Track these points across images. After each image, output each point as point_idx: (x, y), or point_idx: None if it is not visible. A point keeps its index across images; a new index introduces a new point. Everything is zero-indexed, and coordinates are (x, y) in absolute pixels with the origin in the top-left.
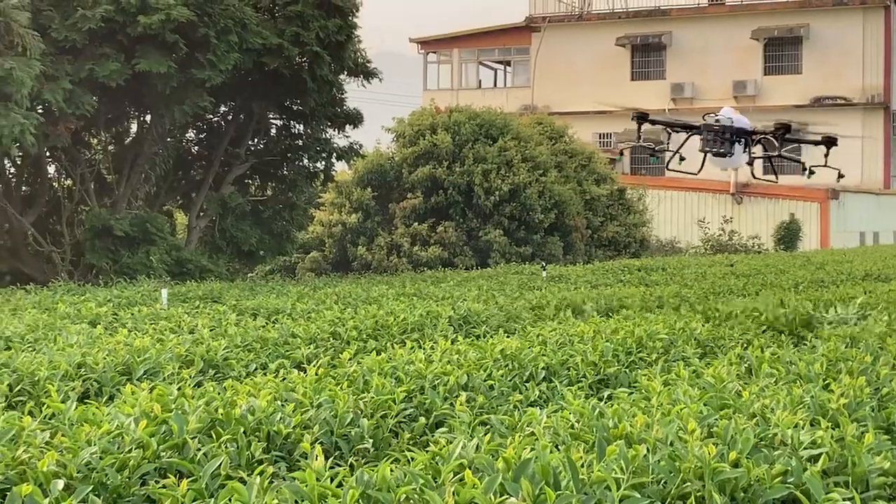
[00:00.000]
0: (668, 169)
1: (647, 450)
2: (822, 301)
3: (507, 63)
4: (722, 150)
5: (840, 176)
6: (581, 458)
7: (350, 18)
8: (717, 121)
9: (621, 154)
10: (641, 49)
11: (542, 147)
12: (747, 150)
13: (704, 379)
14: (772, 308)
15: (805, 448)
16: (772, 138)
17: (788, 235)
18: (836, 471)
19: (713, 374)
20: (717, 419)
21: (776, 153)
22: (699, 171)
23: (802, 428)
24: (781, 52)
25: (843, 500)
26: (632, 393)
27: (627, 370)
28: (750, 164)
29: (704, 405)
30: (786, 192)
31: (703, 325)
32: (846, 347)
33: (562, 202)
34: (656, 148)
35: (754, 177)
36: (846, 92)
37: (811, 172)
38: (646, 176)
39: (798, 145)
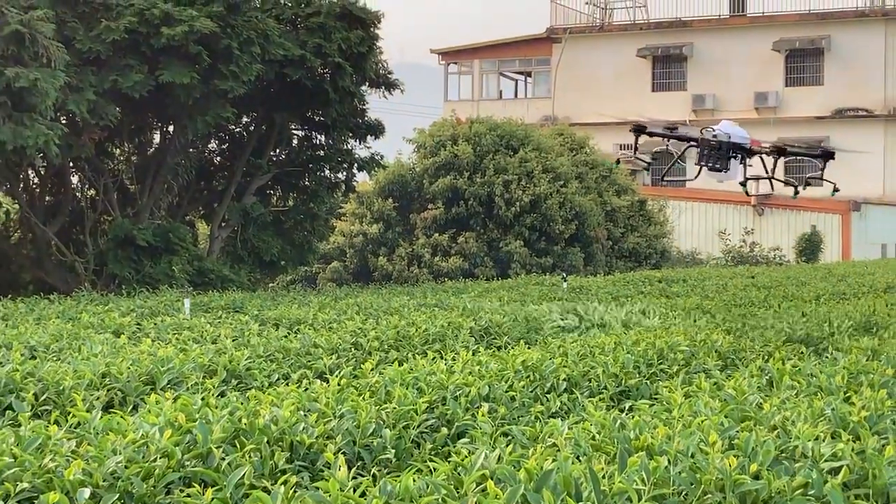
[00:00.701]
0: (663, 181)
1: (669, 461)
2: (844, 313)
3: (528, 74)
4: (718, 166)
5: (835, 190)
6: (602, 469)
7: (372, 30)
8: (714, 136)
9: (618, 162)
10: (662, 60)
11: (562, 158)
12: (743, 164)
13: (725, 391)
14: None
15: (826, 460)
16: (767, 157)
17: (810, 247)
18: (856, 483)
19: (734, 387)
20: (737, 431)
21: (769, 175)
22: (696, 177)
23: (823, 440)
24: (803, 63)
25: None
26: (653, 405)
27: (648, 382)
28: (743, 184)
29: (725, 417)
30: (807, 204)
31: (724, 337)
32: (867, 360)
33: (582, 213)
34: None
35: (772, 188)
36: (868, 104)
37: (806, 184)
38: (667, 187)
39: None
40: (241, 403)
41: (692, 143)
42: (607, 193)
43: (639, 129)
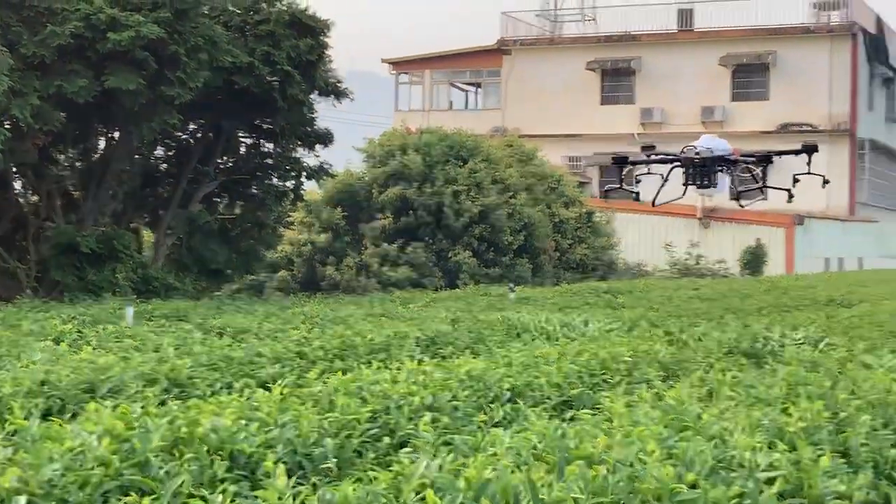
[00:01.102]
0: (653, 205)
1: (608, 470)
2: (786, 326)
3: (479, 85)
4: (706, 183)
5: (825, 182)
6: (542, 478)
7: (321, 38)
8: (697, 153)
9: (606, 196)
10: (611, 73)
11: (511, 169)
12: (731, 175)
13: (666, 401)
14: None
15: (762, 470)
16: (754, 167)
17: (754, 260)
18: (792, 493)
19: (674, 397)
20: (676, 441)
21: (760, 185)
22: (683, 195)
23: (760, 450)
24: (749, 78)
25: None
26: (595, 414)
27: (591, 392)
28: (736, 198)
29: (665, 427)
30: (752, 218)
31: (666, 348)
32: (806, 372)
33: (531, 224)
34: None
35: (739, 202)
36: (812, 119)
37: (793, 184)
38: (614, 199)
39: (767, 166)
40: (182, 412)
41: (676, 163)
42: (555, 205)
43: (621, 161)
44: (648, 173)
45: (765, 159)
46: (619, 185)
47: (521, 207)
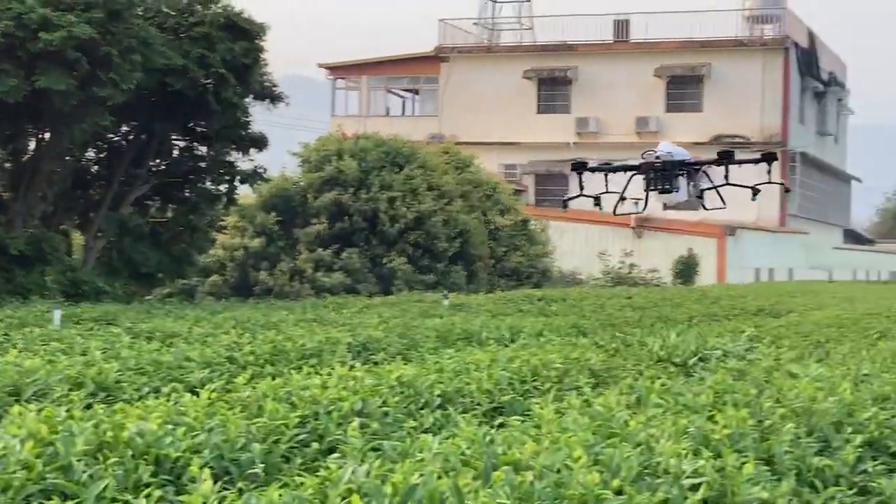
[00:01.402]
0: (614, 213)
1: (534, 476)
2: (714, 334)
3: (416, 92)
4: (668, 186)
5: (787, 190)
6: (468, 484)
7: (257, 41)
8: (657, 157)
9: (566, 206)
10: (548, 82)
11: (448, 176)
12: (691, 182)
13: (595, 408)
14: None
15: (687, 477)
16: (714, 166)
17: (686, 270)
18: (715, 500)
19: (603, 404)
20: (603, 447)
21: (723, 183)
22: (645, 207)
23: (685, 457)
24: (683, 90)
25: None
26: (524, 421)
27: (521, 398)
28: (700, 196)
29: (593, 434)
30: (684, 228)
31: (597, 356)
32: (733, 380)
33: (466, 231)
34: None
35: (705, 208)
36: (745, 131)
37: (754, 194)
38: (549, 208)
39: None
40: (108, 416)
41: (635, 170)
42: (491, 212)
43: (580, 166)
44: (606, 192)
45: (726, 155)
46: (579, 193)
47: (456, 214)
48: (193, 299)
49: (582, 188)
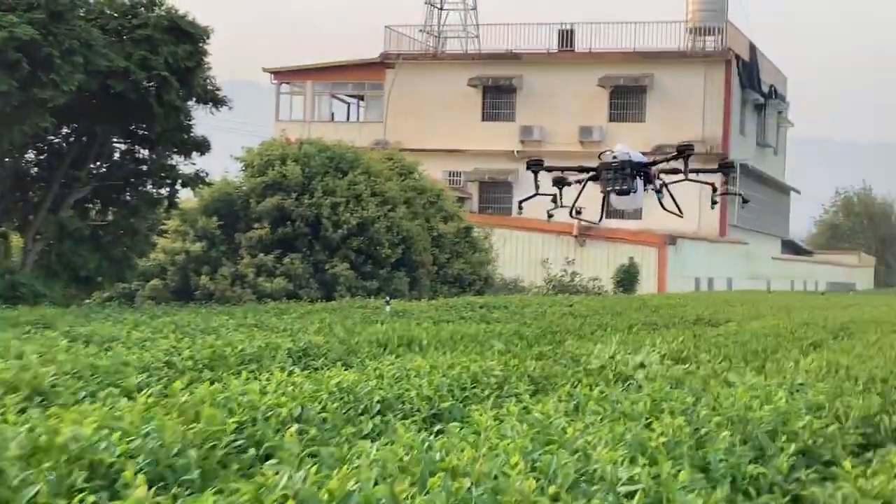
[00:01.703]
0: (571, 215)
1: (471, 483)
2: (654, 343)
3: (361, 97)
4: (626, 187)
5: (745, 201)
6: (405, 490)
7: (200, 45)
8: (614, 157)
9: (520, 208)
10: (493, 91)
11: (391, 182)
12: (649, 185)
13: (533, 415)
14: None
15: (623, 484)
16: (676, 161)
17: (627, 278)
18: None
19: (542, 411)
20: (541, 454)
21: (683, 178)
22: (600, 220)
23: (622, 464)
24: (626, 100)
25: None
26: (463, 427)
27: (461, 405)
28: (659, 191)
29: (531, 441)
30: (626, 237)
31: (536, 363)
32: (671, 388)
33: (409, 238)
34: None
35: (663, 206)
36: (687, 141)
37: (714, 202)
38: (493, 215)
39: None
40: (42, 421)
41: (592, 172)
42: (434, 219)
43: (536, 164)
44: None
45: (687, 147)
46: (535, 193)
47: (399, 221)
48: (133, 303)
49: (538, 187)
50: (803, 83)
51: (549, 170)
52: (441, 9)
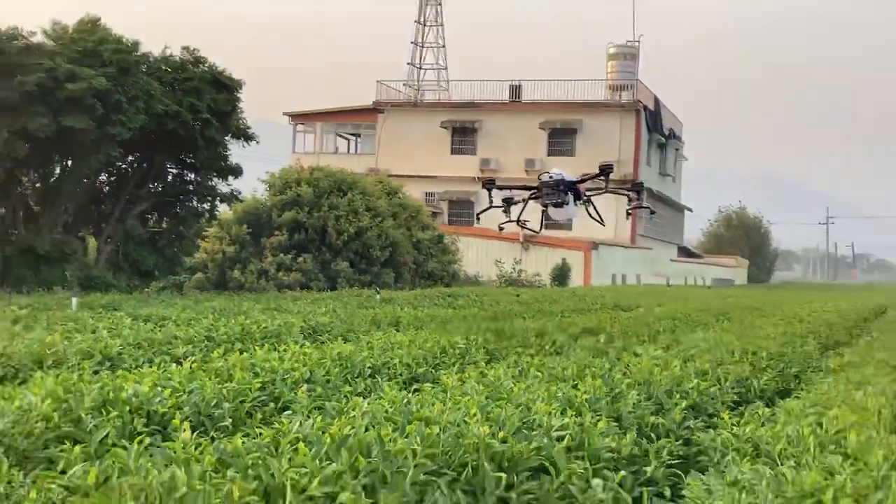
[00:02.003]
0: (518, 225)
1: (440, 429)
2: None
3: (358, 135)
4: (560, 200)
5: (651, 212)
6: (388, 434)
7: (235, 93)
8: (550, 177)
9: (478, 219)
10: (459, 131)
11: (381, 200)
12: (578, 199)
13: (488, 378)
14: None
15: (555, 430)
16: (600, 180)
17: (561, 275)
18: (576, 448)
19: (494, 375)
20: (493, 407)
21: (604, 190)
22: (540, 230)
23: (555, 415)
24: (561, 139)
25: (580, 469)
26: (434, 387)
27: (433, 370)
28: (588, 200)
29: (485, 397)
30: (560, 243)
31: (492, 338)
32: (592, 358)
33: (395, 243)
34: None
35: (590, 214)
36: (606, 162)
37: (627, 215)
38: (459, 226)
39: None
40: (110, 380)
41: (534, 190)
42: (414, 229)
43: (490, 183)
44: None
45: (606, 169)
46: (489, 206)
47: (387, 230)
48: (182, 292)
49: (491, 202)
50: (695, 127)
51: (500, 188)
52: (420, 68)
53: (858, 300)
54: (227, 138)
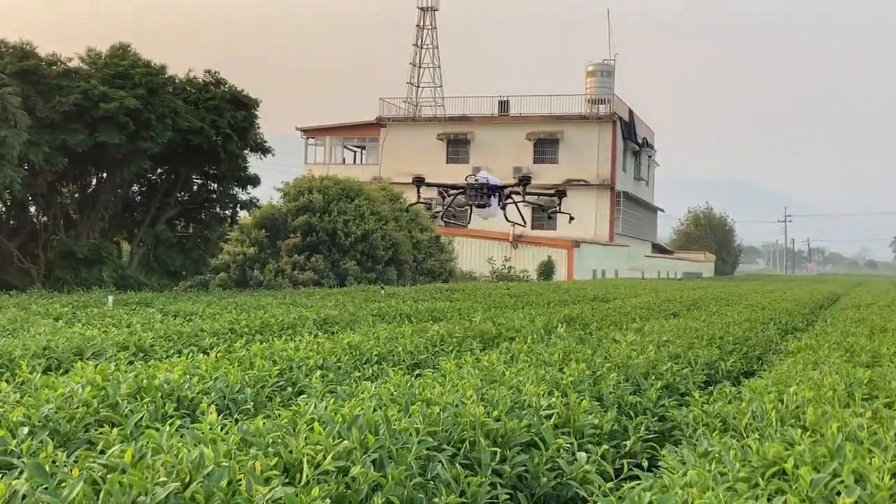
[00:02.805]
0: (442, 220)
1: (440, 409)
2: (565, 314)
3: (363, 147)
4: (482, 203)
5: (571, 218)
6: (394, 414)
7: (252, 111)
8: (476, 180)
9: (407, 211)
10: (454, 142)
11: (385, 205)
12: (501, 201)
13: (482, 363)
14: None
15: (543, 410)
16: (518, 189)
17: (547, 270)
18: (563, 425)
19: (488, 360)
20: (487, 389)
21: (522, 199)
22: (467, 223)
23: (543, 396)
24: (545, 148)
25: (566, 444)
26: (434, 372)
27: (433, 357)
28: (503, 208)
29: (480, 380)
30: (546, 242)
31: (487, 326)
32: (576, 344)
33: (397, 244)
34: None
35: (506, 217)
36: (586, 176)
37: (549, 217)
38: (455, 228)
39: (553, 200)
40: (144, 369)
41: (461, 189)
42: (414, 231)
43: (419, 181)
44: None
45: (524, 180)
46: (416, 201)
47: (390, 232)
48: (207, 289)
49: (419, 197)
50: (666, 136)
51: (429, 185)
52: (418, 87)
53: (814, 290)
54: (245, 151)
